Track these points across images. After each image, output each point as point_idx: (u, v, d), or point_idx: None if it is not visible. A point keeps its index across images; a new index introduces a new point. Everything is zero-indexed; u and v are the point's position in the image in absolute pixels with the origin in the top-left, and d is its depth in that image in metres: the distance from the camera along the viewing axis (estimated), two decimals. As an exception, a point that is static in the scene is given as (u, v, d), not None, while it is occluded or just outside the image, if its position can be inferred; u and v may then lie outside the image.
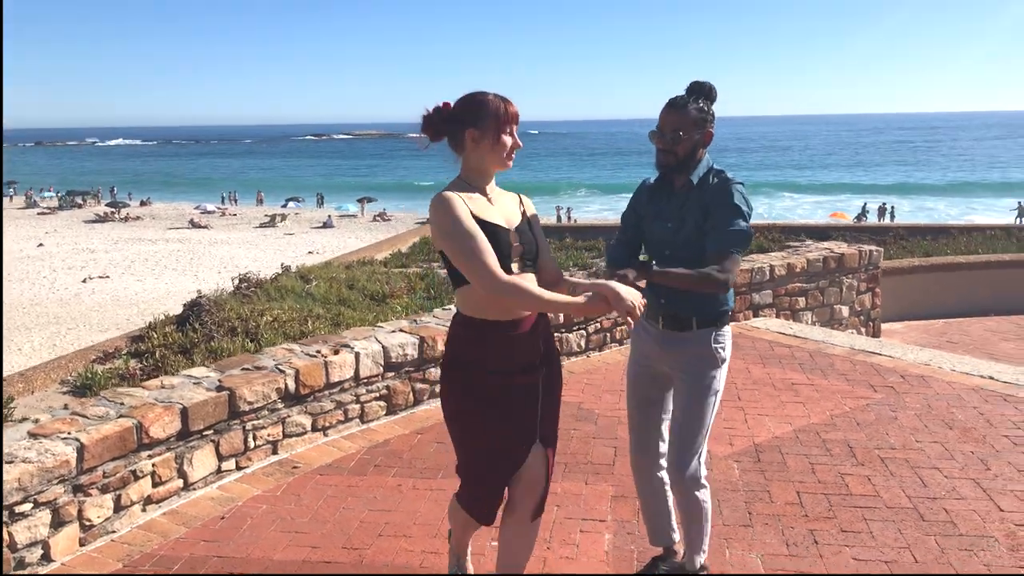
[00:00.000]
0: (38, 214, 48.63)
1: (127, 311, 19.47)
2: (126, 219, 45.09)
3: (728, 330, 2.93)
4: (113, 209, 47.00)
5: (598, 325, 6.10)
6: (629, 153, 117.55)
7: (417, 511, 3.77)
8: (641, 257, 2.95)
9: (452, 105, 2.54)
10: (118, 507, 3.62)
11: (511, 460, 2.60)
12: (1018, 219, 39.11)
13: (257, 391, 4.21)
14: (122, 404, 3.86)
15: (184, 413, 3.88)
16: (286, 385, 4.36)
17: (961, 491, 3.87)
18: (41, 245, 34.14)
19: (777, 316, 7.41)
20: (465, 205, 2.45)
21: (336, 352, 4.70)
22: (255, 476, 4.18)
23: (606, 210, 54.73)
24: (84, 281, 25.00)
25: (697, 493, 2.91)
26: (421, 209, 56.28)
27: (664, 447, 3.00)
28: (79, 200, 53.84)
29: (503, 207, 2.58)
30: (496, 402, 2.54)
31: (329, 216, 45.55)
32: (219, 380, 4.21)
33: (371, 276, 9.07)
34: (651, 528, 3.13)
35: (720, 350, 2.90)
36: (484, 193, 2.56)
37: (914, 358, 6.01)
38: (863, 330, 8.14)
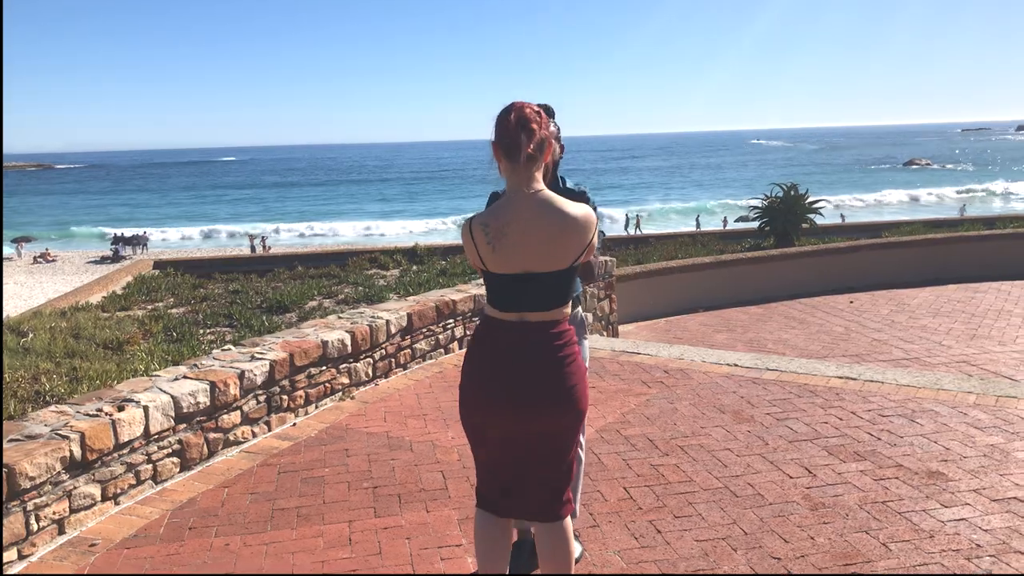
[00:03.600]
0: None
1: None
2: None
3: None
4: None
5: (384, 351, 6.00)
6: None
7: (262, 567, 3.47)
8: None
9: (535, 120, 2.53)
10: None
11: None
12: (635, 230, 44.99)
13: (40, 464, 3.61)
14: None
15: (-45, 501, 3.23)
16: (71, 452, 3.79)
17: (755, 466, 4.36)
18: None
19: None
20: None
21: (121, 408, 4.17)
22: (45, 564, 3.58)
23: (297, 237, 54.46)
24: None
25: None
26: (89, 247, 50.75)
27: None
28: None
29: None
30: None
31: (-26, 261, 39.81)
32: (-13, 457, 3.55)
33: (96, 322, 8.09)
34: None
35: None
36: None
37: (668, 354, 6.65)
38: (604, 333, 8.82)
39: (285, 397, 5.20)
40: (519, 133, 2.48)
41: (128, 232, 50.52)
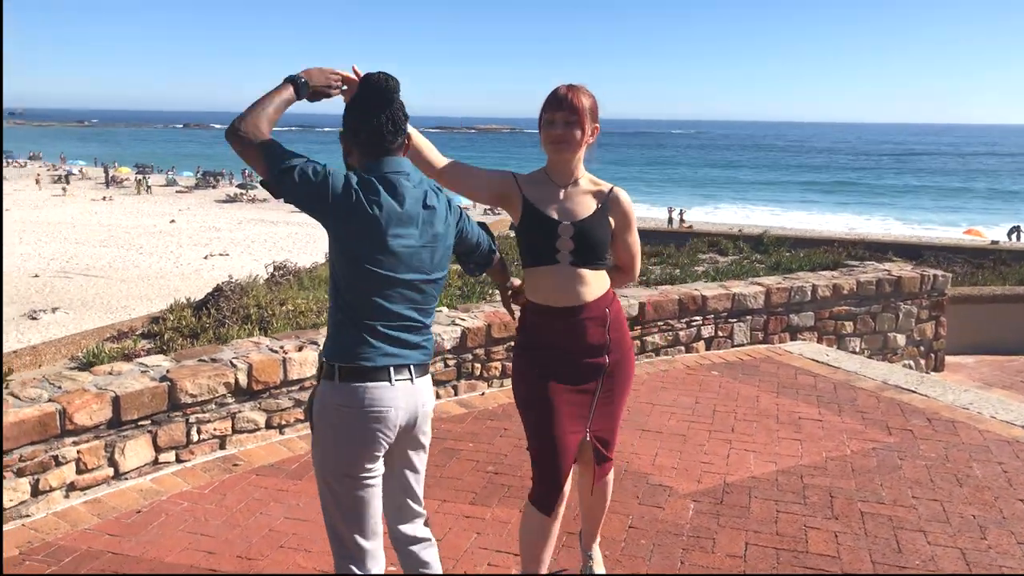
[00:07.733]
0: (176, 192, 51.58)
1: (238, 289, 20.31)
2: (253, 200, 46.85)
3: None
4: (242, 190, 48.91)
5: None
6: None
7: (329, 525, 3.58)
8: None
9: None
10: (36, 492, 3.60)
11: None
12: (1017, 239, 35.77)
13: (201, 384, 4.13)
14: (59, 388, 3.84)
15: (116, 401, 3.83)
16: (236, 380, 4.26)
17: (940, 562, 3.38)
18: (173, 222, 36.34)
19: (819, 340, 6.84)
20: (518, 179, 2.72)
21: (300, 349, 4.57)
22: (193, 471, 4.10)
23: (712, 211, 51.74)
24: (206, 258, 26.57)
25: None
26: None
27: None
28: (213, 181, 56.49)
29: (573, 199, 2.66)
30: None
31: (451, 201, 46.35)
32: (167, 370, 4.15)
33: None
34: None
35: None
36: (553, 181, 2.68)
37: (953, 399, 5.39)
38: (923, 362, 7.43)
39: (478, 365, 5.26)
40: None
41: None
